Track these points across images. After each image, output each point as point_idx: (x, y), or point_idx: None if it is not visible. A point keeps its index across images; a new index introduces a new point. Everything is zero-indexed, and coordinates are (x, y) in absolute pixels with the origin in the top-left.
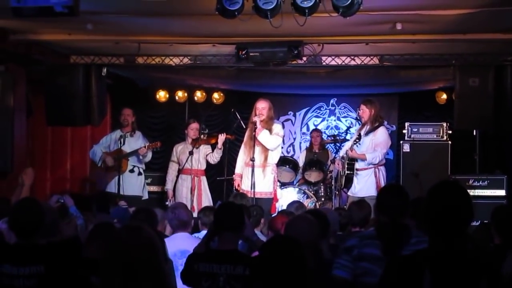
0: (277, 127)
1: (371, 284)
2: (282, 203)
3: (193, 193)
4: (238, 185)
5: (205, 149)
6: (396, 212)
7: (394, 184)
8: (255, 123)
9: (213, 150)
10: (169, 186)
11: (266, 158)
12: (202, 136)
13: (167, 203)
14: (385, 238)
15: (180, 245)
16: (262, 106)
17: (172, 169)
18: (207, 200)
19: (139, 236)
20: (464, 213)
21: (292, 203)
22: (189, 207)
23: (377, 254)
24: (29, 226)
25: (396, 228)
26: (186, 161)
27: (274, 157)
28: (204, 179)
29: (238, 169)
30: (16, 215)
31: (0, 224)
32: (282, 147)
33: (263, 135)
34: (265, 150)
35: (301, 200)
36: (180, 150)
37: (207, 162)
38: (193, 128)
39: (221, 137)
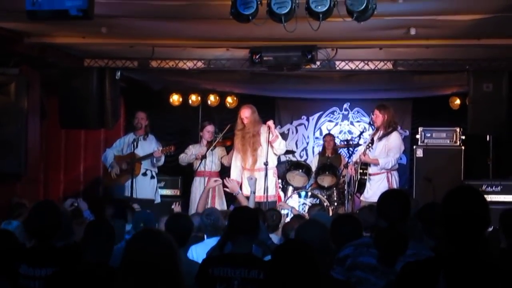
0: (264, 129)
1: None
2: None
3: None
4: (248, 184)
5: (220, 151)
6: (395, 217)
7: (395, 189)
8: (241, 129)
9: (227, 153)
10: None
11: (255, 162)
12: (218, 138)
13: (172, 206)
14: (381, 246)
15: None
16: (245, 115)
17: (184, 156)
18: (220, 202)
19: (157, 240)
20: (480, 219)
21: (313, 206)
22: (198, 207)
23: (372, 263)
24: (48, 229)
25: (393, 237)
26: (199, 164)
27: (274, 160)
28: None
29: (234, 174)
30: (35, 217)
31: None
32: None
33: (279, 142)
34: (255, 153)
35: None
36: (195, 151)
37: (222, 165)
38: (209, 131)
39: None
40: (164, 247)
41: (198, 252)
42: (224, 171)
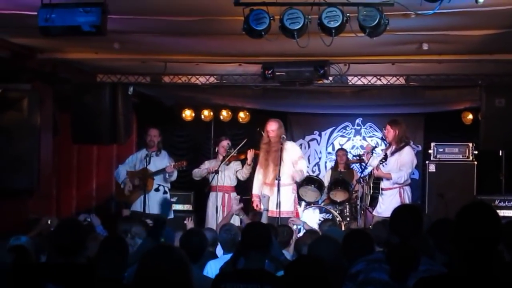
0: (290, 146)
1: None
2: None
3: (223, 210)
4: (257, 206)
5: (235, 165)
6: (408, 233)
7: (408, 205)
8: (268, 144)
9: (242, 167)
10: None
11: (285, 178)
12: (232, 152)
13: (185, 222)
14: (394, 262)
15: None
16: (271, 128)
17: (197, 170)
18: (236, 217)
19: (170, 256)
20: (493, 235)
21: (325, 221)
22: (215, 224)
23: (384, 279)
24: (74, 245)
25: (405, 252)
26: (213, 179)
27: (289, 176)
28: (234, 195)
29: (256, 189)
30: (61, 233)
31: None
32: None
33: (302, 164)
34: (277, 168)
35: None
36: (210, 166)
37: (237, 179)
38: (224, 145)
39: (250, 153)
40: (177, 263)
41: (216, 267)
42: (239, 185)
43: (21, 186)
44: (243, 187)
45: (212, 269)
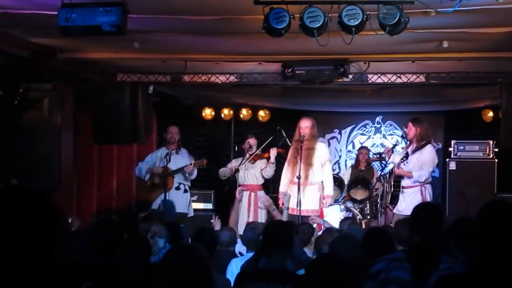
0: (322, 147)
1: None
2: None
3: (248, 208)
4: (283, 204)
5: (260, 164)
6: (429, 232)
7: (429, 203)
8: (300, 141)
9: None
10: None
11: (307, 176)
12: (255, 152)
13: (212, 221)
14: (414, 261)
15: None
16: (305, 125)
17: (223, 170)
18: (263, 215)
19: (192, 256)
20: None
21: (345, 219)
22: (244, 223)
23: (405, 278)
24: (110, 244)
25: (426, 251)
26: (238, 178)
27: (318, 175)
28: (261, 194)
29: (282, 187)
30: (99, 233)
31: None
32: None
33: (328, 174)
34: (308, 167)
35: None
36: (236, 164)
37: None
38: (250, 143)
39: (273, 151)
40: (198, 262)
41: (238, 266)
42: (265, 184)
43: (42, 185)
44: (271, 186)
45: (234, 267)
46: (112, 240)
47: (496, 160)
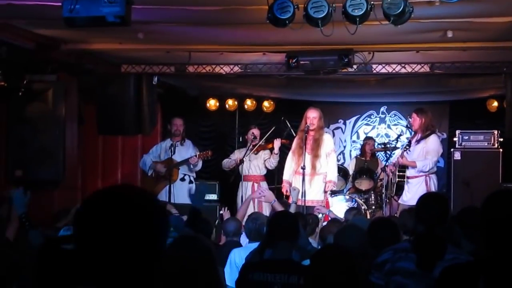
0: (327, 137)
1: None
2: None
3: (253, 200)
4: (287, 191)
5: (264, 154)
6: (434, 221)
7: (433, 193)
8: (305, 131)
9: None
10: (231, 160)
11: (315, 167)
12: (259, 143)
13: (221, 212)
14: (420, 251)
15: None
16: (313, 116)
17: (226, 161)
18: (267, 206)
19: (196, 246)
20: None
21: (350, 209)
22: (239, 213)
23: (411, 268)
24: None
25: (431, 241)
26: (243, 169)
27: (324, 166)
28: (264, 184)
29: (286, 176)
30: None
31: (62, 232)
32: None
33: (333, 164)
34: (315, 158)
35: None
36: (240, 155)
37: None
38: (253, 134)
39: (277, 142)
40: (202, 254)
41: (240, 256)
42: (269, 175)
43: (47, 177)
44: (267, 178)
45: (236, 257)
46: None
47: (501, 150)
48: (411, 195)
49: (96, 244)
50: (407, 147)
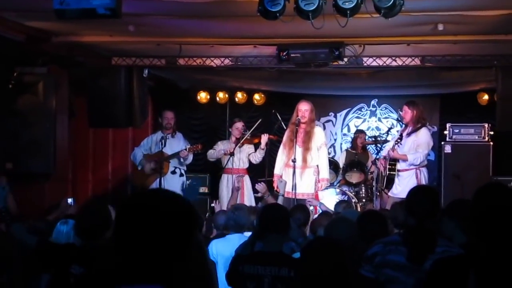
0: (318, 130)
1: None
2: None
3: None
4: (277, 186)
5: (248, 148)
6: (424, 215)
7: (424, 186)
8: (296, 124)
9: (255, 150)
10: (217, 150)
11: (306, 160)
12: (246, 135)
13: (212, 204)
14: (410, 244)
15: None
16: (305, 108)
17: (212, 151)
18: (248, 200)
19: None
20: (510, 215)
21: (340, 202)
22: (228, 206)
23: (401, 262)
24: (98, 228)
25: (422, 234)
26: (227, 161)
27: (315, 159)
28: (247, 178)
29: (277, 170)
30: (85, 216)
31: (59, 226)
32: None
33: (324, 157)
34: (306, 151)
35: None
36: (223, 147)
37: (250, 162)
38: (238, 127)
39: (264, 137)
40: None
41: (218, 247)
42: (251, 170)
43: (37, 170)
44: (256, 171)
45: (214, 248)
46: (100, 224)
47: (492, 143)
48: (401, 188)
49: (138, 243)
50: (399, 140)
